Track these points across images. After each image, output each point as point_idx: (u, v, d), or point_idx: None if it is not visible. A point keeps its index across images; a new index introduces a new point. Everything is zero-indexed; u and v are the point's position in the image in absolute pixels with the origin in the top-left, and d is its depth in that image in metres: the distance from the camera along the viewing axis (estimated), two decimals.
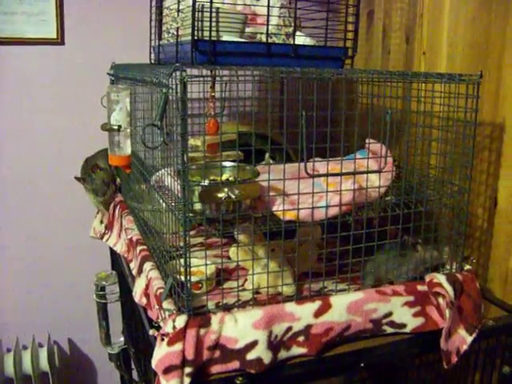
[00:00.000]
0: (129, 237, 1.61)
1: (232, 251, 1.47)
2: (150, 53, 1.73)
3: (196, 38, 1.32)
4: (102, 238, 1.99)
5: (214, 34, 1.36)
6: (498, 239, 1.56)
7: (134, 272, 1.50)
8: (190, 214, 1.16)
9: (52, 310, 2.29)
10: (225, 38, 1.36)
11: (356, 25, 1.47)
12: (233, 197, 1.10)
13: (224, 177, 1.28)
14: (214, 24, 1.34)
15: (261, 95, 2.08)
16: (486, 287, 1.60)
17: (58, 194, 2.19)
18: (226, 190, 1.11)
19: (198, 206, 1.17)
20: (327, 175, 1.19)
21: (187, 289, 1.14)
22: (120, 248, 1.75)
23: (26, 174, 2.17)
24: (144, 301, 1.36)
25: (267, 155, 1.85)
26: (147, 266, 1.38)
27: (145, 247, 1.48)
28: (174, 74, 1.06)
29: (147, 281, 1.35)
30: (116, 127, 1.54)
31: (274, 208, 1.19)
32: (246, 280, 1.39)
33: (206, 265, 1.18)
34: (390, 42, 1.95)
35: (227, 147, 1.52)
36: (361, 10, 2.00)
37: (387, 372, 1.64)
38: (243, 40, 1.39)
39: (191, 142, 1.56)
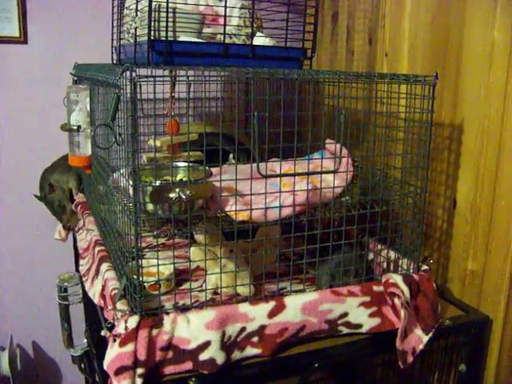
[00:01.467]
0: (88, 237, 1.60)
1: (192, 252, 1.46)
2: (112, 53, 1.72)
3: (152, 38, 1.32)
4: (65, 240, 1.98)
5: (171, 34, 1.35)
6: (457, 239, 1.57)
7: (83, 269, 1.50)
8: (143, 215, 1.16)
9: (15, 312, 2.27)
10: (182, 38, 1.36)
11: (315, 26, 1.47)
12: (183, 197, 1.09)
13: (178, 177, 1.28)
14: (170, 24, 1.34)
15: (225, 96, 2.08)
16: (445, 287, 1.61)
17: (23, 195, 2.17)
18: (177, 190, 1.10)
19: (150, 207, 1.16)
20: (280, 176, 1.19)
21: (139, 289, 1.13)
22: (81, 244, 1.73)
23: None
24: (102, 302, 1.35)
25: (231, 156, 1.85)
26: (104, 266, 1.37)
27: (103, 248, 1.48)
28: (124, 75, 1.05)
29: (103, 282, 1.34)
30: (75, 127, 1.53)
31: (227, 208, 1.19)
32: (204, 281, 1.39)
33: (158, 265, 1.18)
34: (354, 43, 1.96)
35: (190, 148, 1.52)
36: (325, 12, 2.02)
37: (346, 372, 1.65)
38: (200, 40, 1.39)
39: (151, 142, 1.55)
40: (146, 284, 1.35)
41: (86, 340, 1.99)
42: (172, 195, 1.11)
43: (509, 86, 1.38)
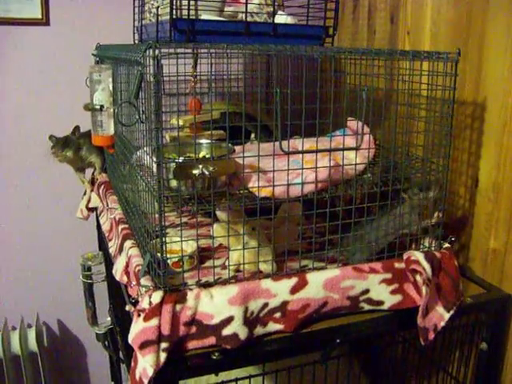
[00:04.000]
0: (111, 216, 1.62)
1: (215, 229, 1.47)
2: (134, 33, 1.73)
3: (174, 16, 1.32)
4: (87, 218, 2.01)
5: (192, 12, 1.36)
6: (479, 218, 1.57)
7: (112, 250, 1.52)
8: (167, 192, 1.17)
9: (41, 290, 2.31)
10: (203, 16, 1.36)
11: (336, 4, 1.47)
12: (206, 173, 1.10)
13: (201, 154, 1.29)
14: (192, 3, 1.34)
15: (246, 75, 2.08)
16: (467, 266, 1.61)
17: (45, 176, 2.19)
18: (200, 166, 1.11)
19: (173, 183, 1.17)
20: (302, 152, 1.19)
21: (163, 265, 1.15)
22: (105, 227, 1.75)
23: (11, 156, 2.18)
24: (125, 279, 1.37)
25: (253, 135, 1.86)
26: (128, 244, 1.39)
27: (126, 226, 1.50)
28: (147, 52, 1.06)
29: (127, 258, 1.36)
30: (98, 107, 1.55)
31: (250, 185, 1.20)
32: (227, 258, 1.40)
33: (182, 242, 1.19)
34: (376, 21, 1.95)
35: (213, 126, 1.53)
36: None
37: (367, 348, 1.65)
38: (222, 19, 1.39)
39: (174, 121, 1.56)
40: (168, 261, 1.37)
41: (109, 318, 2.02)
42: (195, 171, 1.12)
43: None
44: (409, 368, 1.79)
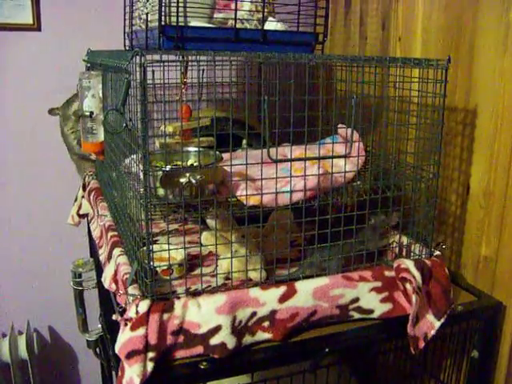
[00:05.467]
0: (101, 223, 1.61)
1: (204, 237, 1.46)
2: (125, 39, 1.73)
3: (163, 23, 1.32)
4: (78, 225, 2.00)
5: (182, 19, 1.35)
6: (471, 225, 1.56)
7: (103, 258, 1.51)
8: (154, 200, 1.17)
9: (33, 297, 2.29)
10: (193, 23, 1.36)
11: (326, 10, 1.46)
12: (193, 182, 1.09)
13: (189, 162, 1.28)
14: (181, 9, 1.34)
15: (238, 81, 2.07)
16: (458, 273, 1.60)
17: (36, 181, 2.18)
18: (187, 174, 1.11)
19: (161, 192, 1.17)
20: (290, 160, 1.19)
21: (150, 274, 1.14)
22: (95, 234, 1.75)
23: (1, 161, 2.17)
24: (113, 287, 1.36)
25: (244, 141, 1.85)
26: (116, 251, 1.38)
27: (115, 233, 1.49)
28: (134, 59, 1.05)
29: (116, 266, 1.35)
30: (88, 113, 1.54)
31: (238, 193, 1.19)
32: (217, 266, 1.39)
33: (169, 250, 1.18)
34: (367, 28, 1.95)
35: (203, 133, 1.52)
36: None
37: (359, 356, 1.65)
38: (211, 25, 1.39)
39: (163, 128, 1.56)
40: (158, 269, 1.36)
41: (100, 325, 2.01)
42: (182, 180, 1.11)
43: None
44: (401, 376, 1.78)
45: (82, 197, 1.98)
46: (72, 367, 2.44)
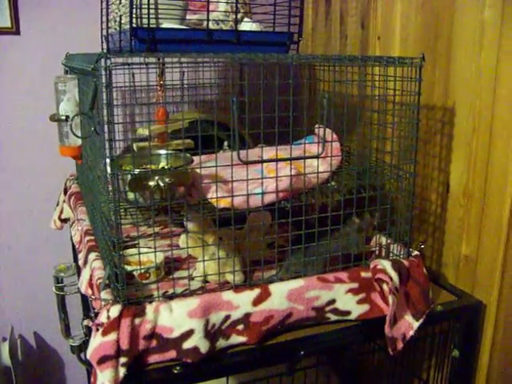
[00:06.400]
0: (80, 227, 1.60)
1: (181, 240, 1.46)
2: (102, 42, 1.72)
3: (135, 25, 1.31)
4: (61, 229, 1.99)
5: (153, 21, 1.34)
6: (451, 224, 1.55)
7: (81, 263, 1.50)
8: (124, 203, 1.16)
9: (16, 304, 2.28)
10: (164, 25, 1.35)
11: (301, 10, 1.45)
12: (161, 185, 1.08)
13: (161, 165, 1.27)
14: (152, 11, 1.33)
15: (216, 83, 2.06)
16: (440, 273, 1.60)
17: (18, 187, 2.17)
18: (156, 178, 1.10)
19: (131, 195, 1.16)
20: (261, 162, 1.18)
21: (121, 278, 1.13)
22: (75, 239, 1.74)
23: None
24: (89, 291, 1.35)
25: (226, 143, 1.84)
26: (92, 256, 1.37)
27: (92, 238, 1.48)
28: (100, 63, 1.04)
29: (91, 271, 1.34)
30: (64, 117, 1.53)
31: (209, 195, 1.18)
32: (195, 269, 1.39)
33: (139, 254, 1.17)
34: (347, 27, 1.94)
35: (181, 135, 1.51)
36: None
37: (341, 357, 1.64)
38: (184, 27, 1.38)
39: (140, 131, 1.55)
40: (135, 273, 1.35)
41: (83, 330, 1.99)
42: (151, 183, 1.10)
43: (499, 66, 1.35)
44: (385, 376, 1.77)
45: (64, 201, 1.97)
46: (58, 373, 2.42)
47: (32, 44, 2.07)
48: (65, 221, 1.99)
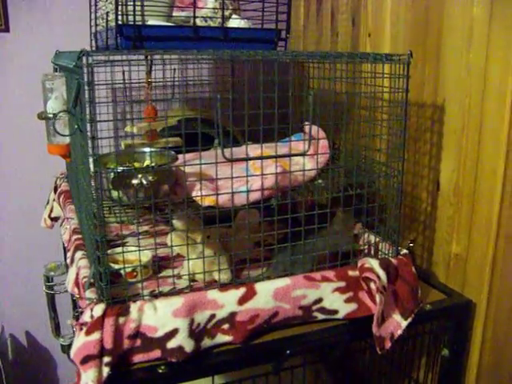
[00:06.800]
0: (68, 226, 1.59)
1: (169, 238, 1.44)
2: (91, 40, 1.71)
3: (120, 22, 1.30)
4: (51, 227, 1.98)
5: (139, 18, 1.33)
6: (441, 222, 1.55)
7: (68, 261, 1.49)
8: (109, 202, 1.15)
9: (7, 303, 2.27)
10: (150, 22, 1.34)
11: (288, 6, 1.44)
12: (144, 183, 1.08)
13: (146, 163, 1.26)
14: (138, 8, 1.32)
15: (210, 80, 2.06)
16: (430, 271, 1.59)
17: (7, 186, 2.16)
18: (139, 176, 1.09)
19: (115, 193, 1.15)
20: (246, 159, 1.17)
21: (105, 277, 1.12)
22: (64, 237, 1.73)
23: None
24: (76, 290, 1.34)
25: (216, 141, 1.83)
26: (78, 254, 1.36)
27: (80, 236, 1.47)
28: (82, 60, 1.03)
29: (77, 269, 1.33)
30: (51, 115, 1.52)
31: (193, 193, 1.17)
32: (182, 267, 1.38)
33: (123, 252, 1.16)
34: (338, 24, 1.93)
35: (170, 133, 1.51)
36: None
37: (330, 356, 1.62)
38: (170, 24, 1.37)
39: (127, 128, 1.54)
40: (122, 272, 1.34)
41: (73, 329, 1.99)
42: (134, 181, 1.09)
43: (488, 63, 1.34)
44: (376, 375, 1.77)
45: (54, 200, 1.96)
46: (50, 372, 2.42)
47: (22, 41, 2.06)
48: (55, 219, 1.98)
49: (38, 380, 2.41)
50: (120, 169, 1.14)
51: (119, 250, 1.37)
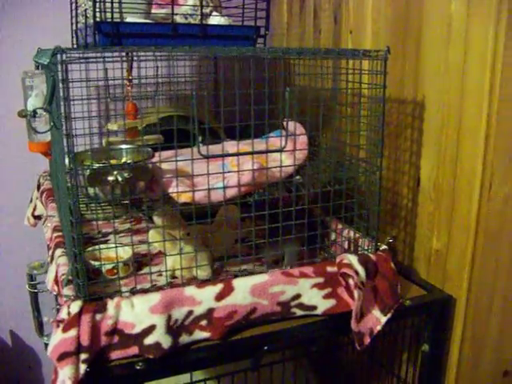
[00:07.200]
0: (49, 224, 1.59)
1: (150, 235, 1.45)
2: (72, 37, 1.70)
3: (98, 19, 1.30)
4: (35, 226, 1.98)
5: (118, 16, 1.33)
6: (422, 218, 1.55)
7: (49, 259, 1.49)
8: (85, 198, 1.15)
9: None
10: (129, 19, 1.34)
11: (267, 3, 1.44)
12: (120, 179, 1.08)
13: (123, 160, 1.26)
14: (117, 6, 1.32)
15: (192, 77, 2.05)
16: (411, 267, 1.59)
17: None
18: (115, 173, 1.09)
19: (91, 190, 1.15)
20: (222, 156, 1.17)
21: (82, 274, 1.12)
22: (46, 236, 1.72)
23: None
24: (56, 288, 1.34)
25: (200, 138, 1.83)
26: (58, 252, 1.37)
27: (60, 234, 1.47)
28: (56, 57, 1.03)
29: (57, 267, 1.33)
30: (31, 113, 1.51)
31: (170, 190, 1.17)
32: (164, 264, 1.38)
33: (100, 249, 1.16)
34: (321, 21, 1.93)
35: (151, 131, 1.51)
36: None
37: (309, 352, 1.63)
38: (149, 21, 1.37)
39: (108, 126, 1.54)
40: (103, 269, 1.34)
41: None
42: (110, 178, 1.10)
43: (466, 60, 1.35)
44: (358, 369, 1.77)
45: (37, 198, 1.95)
46: (35, 371, 2.41)
47: (4, 39, 2.05)
48: (38, 217, 1.98)
49: (23, 379, 2.41)
50: (95, 166, 1.14)
51: (102, 246, 1.37)
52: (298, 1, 2.07)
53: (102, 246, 1.44)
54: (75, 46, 1.68)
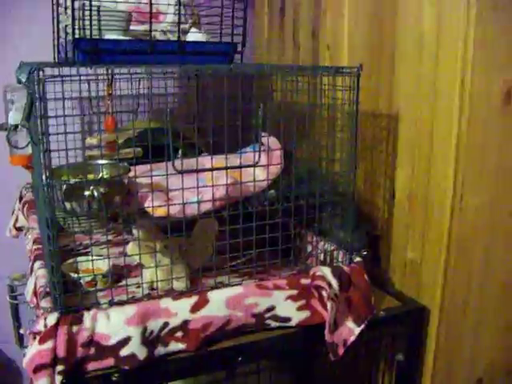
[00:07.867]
0: (30, 236, 1.60)
1: (129, 247, 1.46)
2: (54, 52, 1.72)
3: (77, 36, 1.32)
4: (17, 237, 1.99)
5: (97, 32, 1.35)
6: (398, 229, 1.58)
7: (28, 271, 1.50)
8: (62, 212, 1.17)
9: None
10: (107, 36, 1.36)
11: (244, 20, 1.47)
12: (96, 194, 1.10)
13: (100, 175, 1.28)
14: (95, 23, 1.34)
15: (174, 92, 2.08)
16: (387, 278, 1.62)
17: None
18: (91, 188, 1.11)
19: (68, 205, 1.17)
20: (197, 171, 1.19)
21: (59, 287, 1.14)
22: (28, 247, 1.74)
23: None
24: (35, 300, 1.36)
25: (180, 152, 1.85)
26: (37, 264, 1.38)
27: (40, 246, 1.48)
28: (33, 74, 1.06)
29: (35, 279, 1.34)
30: (12, 127, 1.53)
31: (146, 204, 1.20)
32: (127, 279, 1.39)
33: (77, 262, 1.18)
34: (300, 36, 1.96)
35: (130, 144, 1.53)
36: (274, 6, 2.03)
37: (284, 363, 1.65)
38: (127, 38, 1.39)
39: (88, 140, 1.56)
40: (82, 281, 1.36)
41: None
42: (87, 193, 1.12)
43: (437, 75, 1.38)
44: (334, 379, 1.79)
45: (19, 209, 1.97)
46: (17, 383, 2.41)
47: None
48: (20, 229, 1.99)
49: None
50: (72, 181, 1.16)
51: (82, 259, 1.39)
52: (278, 16, 2.11)
53: (81, 258, 1.45)
54: (57, 61, 1.70)
